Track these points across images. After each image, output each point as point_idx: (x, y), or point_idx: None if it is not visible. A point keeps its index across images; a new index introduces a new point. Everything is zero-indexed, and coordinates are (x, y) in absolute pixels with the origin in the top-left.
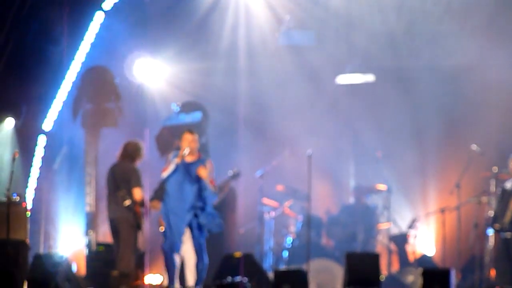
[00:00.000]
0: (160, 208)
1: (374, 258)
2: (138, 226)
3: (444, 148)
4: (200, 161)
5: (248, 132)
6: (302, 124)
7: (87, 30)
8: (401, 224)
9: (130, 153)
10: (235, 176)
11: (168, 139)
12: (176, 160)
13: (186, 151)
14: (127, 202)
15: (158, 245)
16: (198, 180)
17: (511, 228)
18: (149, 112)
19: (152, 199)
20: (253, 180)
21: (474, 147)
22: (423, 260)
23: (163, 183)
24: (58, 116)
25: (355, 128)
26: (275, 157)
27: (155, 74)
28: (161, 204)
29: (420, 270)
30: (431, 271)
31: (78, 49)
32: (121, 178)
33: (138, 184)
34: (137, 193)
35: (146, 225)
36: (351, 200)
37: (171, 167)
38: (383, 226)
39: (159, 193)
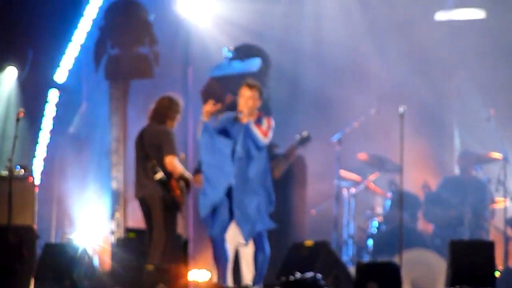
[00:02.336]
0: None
1: (486, 248)
2: (175, 207)
3: None
4: (257, 121)
5: (321, 85)
6: (391, 74)
7: None
8: None
9: (163, 111)
10: (304, 141)
11: (217, 94)
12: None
13: (239, 114)
14: (159, 175)
15: (204, 231)
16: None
17: None
18: (194, 59)
19: (196, 171)
20: (328, 146)
21: None
22: None
23: None
24: (74, 64)
25: (460, 79)
26: (356, 116)
27: (202, 10)
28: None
29: None
30: None
31: None
32: (150, 145)
33: (172, 151)
34: (171, 163)
35: (189, 205)
36: (456, 171)
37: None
38: (498, 205)
39: None
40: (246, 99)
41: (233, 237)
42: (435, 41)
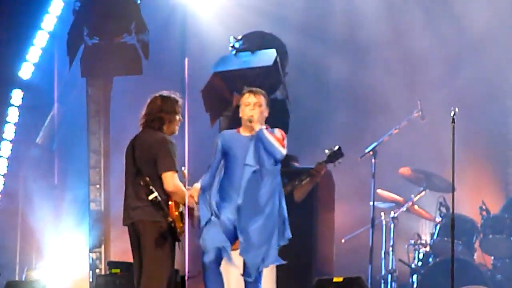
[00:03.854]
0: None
1: None
2: (173, 235)
3: None
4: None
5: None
6: (438, 69)
7: None
8: None
9: (157, 115)
10: (335, 156)
11: (222, 93)
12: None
13: (250, 119)
14: (153, 196)
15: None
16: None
17: None
18: (192, 50)
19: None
20: (361, 160)
21: None
22: None
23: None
24: (43, 57)
25: None
26: (395, 121)
27: None
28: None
29: None
30: None
31: None
32: (143, 158)
33: (171, 166)
34: (170, 181)
35: (188, 233)
36: None
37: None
38: None
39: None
40: (253, 105)
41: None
42: (492, 23)
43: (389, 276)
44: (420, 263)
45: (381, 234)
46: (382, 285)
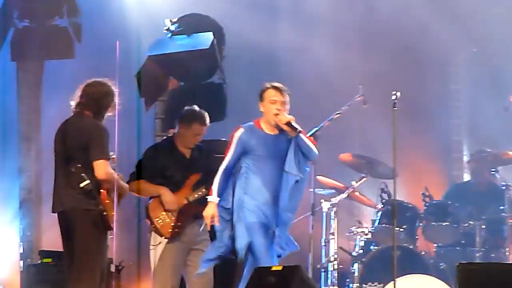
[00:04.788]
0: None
1: (504, 273)
2: (105, 224)
3: None
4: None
5: (288, 65)
6: (380, 52)
7: None
8: None
9: (92, 101)
10: None
11: (157, 78)
12: None
13: (293, 123)
14: (85, 183)
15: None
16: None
17: None
18: (127, 32)
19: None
20: None
21: None
22: None
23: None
24: None
25: (469, 57)
26: (335, 106)
27: None
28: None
29: None
30: None
31: None
32: (75, 144)
33: (103, 154)
34: (101, 169)
35: (118, 222)
36: (467, 176)
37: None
38: None
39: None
40: (281, 104)
41: None
42: (436, 9)
43: (330, 264)
44: (361, 251)
45: (321, 222)
46: (323, 273)
